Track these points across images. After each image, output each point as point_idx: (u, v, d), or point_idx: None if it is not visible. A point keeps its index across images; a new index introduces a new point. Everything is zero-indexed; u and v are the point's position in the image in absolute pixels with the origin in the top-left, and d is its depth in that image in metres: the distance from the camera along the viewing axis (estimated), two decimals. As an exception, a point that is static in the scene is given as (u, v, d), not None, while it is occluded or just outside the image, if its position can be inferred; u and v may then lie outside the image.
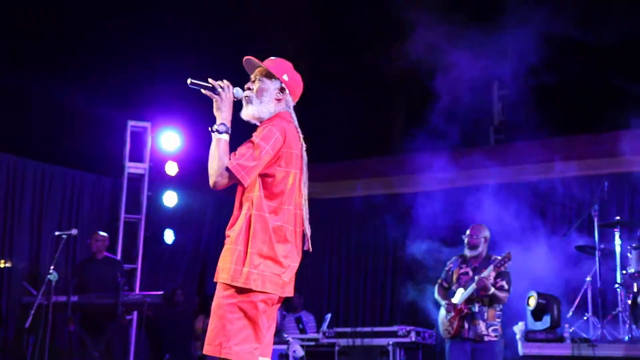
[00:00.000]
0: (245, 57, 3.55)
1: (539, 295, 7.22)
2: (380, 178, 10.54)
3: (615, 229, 7.48)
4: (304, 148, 3.52)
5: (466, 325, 6.42)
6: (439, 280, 6.87)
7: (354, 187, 10.82)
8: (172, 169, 9.74)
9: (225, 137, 3.34)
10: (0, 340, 8.66)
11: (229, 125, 3.38)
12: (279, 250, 3.34)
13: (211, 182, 3.30)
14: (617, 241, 7.42)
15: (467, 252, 6.67)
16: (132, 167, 9.78)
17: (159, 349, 9.86)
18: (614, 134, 8.81)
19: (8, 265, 9.32)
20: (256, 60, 3.54)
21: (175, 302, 10.07)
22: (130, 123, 9.82)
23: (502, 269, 6.43)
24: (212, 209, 11.09)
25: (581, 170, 8.99)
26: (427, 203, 10.03)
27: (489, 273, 6.36)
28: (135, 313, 8.89)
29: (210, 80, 3.41)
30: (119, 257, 9.09)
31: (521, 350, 7.05)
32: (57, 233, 7.07)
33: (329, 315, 8.50)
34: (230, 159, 3.28)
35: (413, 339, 7.84)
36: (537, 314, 7.19)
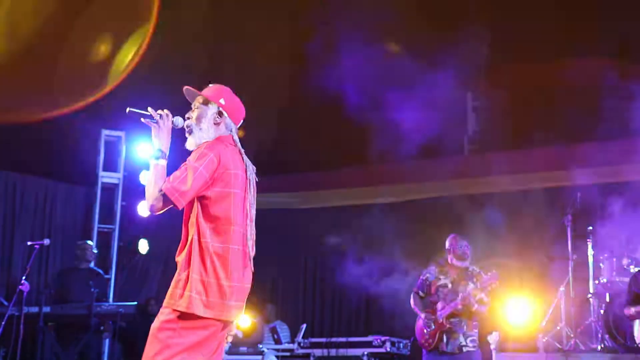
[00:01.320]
0: (185, 87, 3.62)
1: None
2: (357, 188, 10.56)
3: (588, 239, 7.56)
4: (252, 170, 3.59)
5: (445, 339, 6.43)
6: (415, 289, 6.85)
7: (327, 197, 10.83)
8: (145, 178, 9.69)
9: (163, 162, 3.39)
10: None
11: (166, 152, 3.43)
12: (221, 274, 3.33)
13: (147, 206, 3.33)
14: (590, 251, 7.49)
15: (456, 263, 6.62)
16: (106, 177, 9.72)
17: (132, 359, 9.78)
18: (588, 145, 8.91)
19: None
20: (194, 90, 3.61)
21: (149, 312, 9.97)
22: (105, 132, 9.75)
23: (488, 289, 6.41)
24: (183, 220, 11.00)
25: (554, 181, 9.07)
26: (403, 213, 10.10)
27: (471, 290, 6.34)
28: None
29: (149, 109, 3.47)
30: (94, 267, 9.00)
31: (495, 360, 7.09)
32: (29, 243, 6.99)
33: (304, 326, 8.49)
34: (164, 183, 3.32)
35: (388, 349, 7.86)
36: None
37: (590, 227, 7.75)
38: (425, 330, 6.54)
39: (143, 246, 10.05)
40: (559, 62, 9.05)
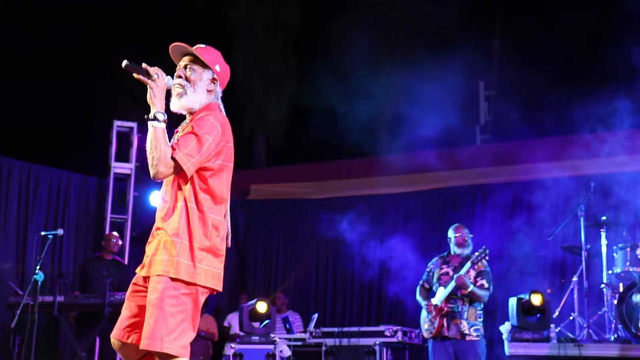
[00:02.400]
0: (174, 44, 3.43)
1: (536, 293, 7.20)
2: (367, 178, 10.55)
3: (602, 229, 7.53)
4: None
5: (446, 324, 6.46)
6: (421, 282, 6.91)
7: (339, 187, 10.83)
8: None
9: (163, 125, 3.23)
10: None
11: (164, 113, 3.27)
12: (218, 244, 3.33)
13: (152, 172, 3.21)
14: (604, 241, 7.47)
15: (456, 251, 6.70)
16: (118, 167, 9.75)
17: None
18: (600, 135, 8.87)
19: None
20: (187, 47, 3.41)
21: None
22: (117, 123, 9.78)
23: (482, 267, 6.48)
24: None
25: (567, 170, 9.03)
26: (415, 203, 10.09)
27: (467, 270, 6.41)
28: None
29: (144, 65, 3.29)
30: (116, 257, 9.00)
31: (508, 350, 7.08)
32: (43, 233, 7.02)
33: (315, 315, 8.51)
34: (174, 149, 3.20)
35: (400, 339, 7.84)
36: (530, 313, 7.18)
37: (604, 217, 7.72)
38: (427, 318, 6.58)
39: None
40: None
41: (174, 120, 3.43)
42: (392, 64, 14.30)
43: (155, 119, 3.22)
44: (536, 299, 7.04)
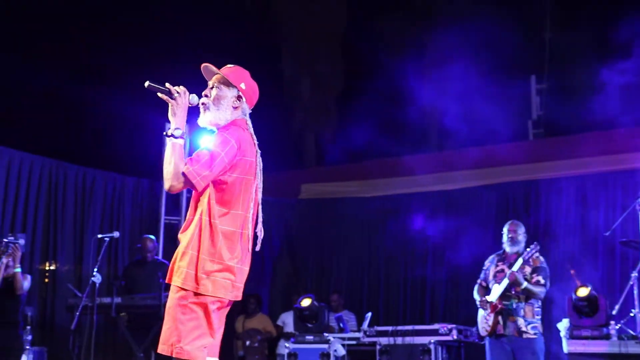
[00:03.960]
0: (204, 64, 3.61)
1: (587, 288, 7.08)
2: (420, 176, 10.48)
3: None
4: (259, 154, 3.59)
5: (502, 322, 6.37)
6: (479, 281, 6.83)
7: (391, 185, 10.78)
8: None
9: (181, 141, 3.42)
10: (47, 342, 8.79)
11: (183, 130, 3.46)
12: (228, 255, 3.42)
13: (166, 185, 3.40)
14: (664, 235, 7.30)
15: (508, 248, 6.62)
16: (171, 169, 9.84)
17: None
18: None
19: (53, 267, 9.48)
20: (214, 68, 3.60)
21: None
22: (168, 126, 9.89)
23: (538, 263, 6.37)
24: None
25: (623, 164, 8.85)
26: (464, 200, 10.00)
27: (520, 267, 6.31)
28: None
29: (167, 84, 3.47)
30: (160, 258, 9.17)
31: (566, 347, 6.96)
32: (99, 236, 7.14)
33: (369, 314, 8.47)
34: (186, 165, 3.36)
35: (455, 337, 7.77)
36: (584, 310, 7.06)
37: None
38: (483, 315, 6.51)
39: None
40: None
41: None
42: (441, 60, 14.19)
43: (172, 135, 3.42)
44: (583, 292, 6.92)
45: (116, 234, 7.22)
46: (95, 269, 6.89)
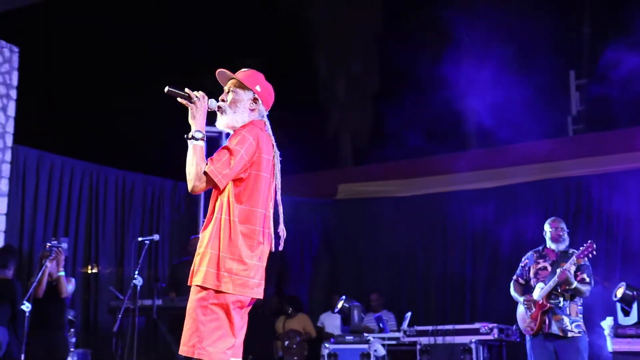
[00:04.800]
0: (218, 70, 3.70)
1: (628, 286, 7.00)
2: (457, 174, 10.41)
3: None
4: (277, 155, 3.65)
5: (547, 321, 6.28)
6: (515, 277, 6.73)
7: (427, 184, 10.73)
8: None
9: (201, 143, 3.50)
10: (91, 344, 8.93)
11: (204, 132, 3.54)
12: (248, 253, 3.45)
13: (190, 186, 3.47)
14: None
15: (553, 246, 6.50)
16: (208, 172, 9.92)
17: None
18: None
19: (95, 271, 9.62)
20: (229, 73, 3.69)
21: (255, 304, 10.16)
22: (205, 129, 9.97)
23: (581, 260, 6.27)
24: (286, 210, 11.16)
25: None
26: (502, 198, 9.91)
27: (570, 265, 6.20)
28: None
29: (186, 89, 3.58)
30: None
31: (610, 346, 6.86)
32: (139, 239, 7.21)
33: (409, 314, 8.45)
34: (207, 164, 3.44)
35: (496, 336, 7.72)
36: (627, 308, 6.97)
37: None
38: (526, 315, 6.41)
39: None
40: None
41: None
42: (478, 57, 14.07)
43: (193, 137, 3.50)
44: (619, 292, 6.82)
45: (156, 237, 7.28)
46: (136, 272, 6.96)
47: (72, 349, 7.75)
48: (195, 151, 3.47)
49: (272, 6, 15.33)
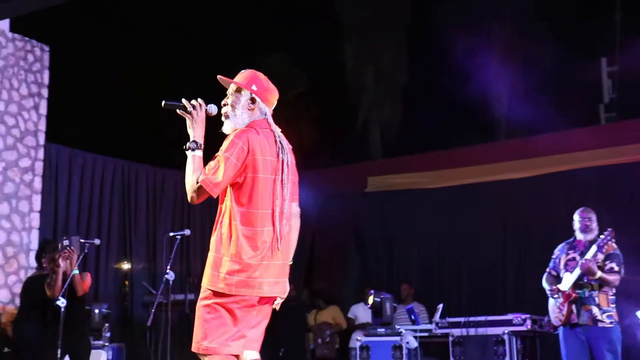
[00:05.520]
0: (218, 76, 3.75)
1: None
2: (488, 165, 10.33)
3: None
4: (286, 151, 3.65)
5: (575, 311, 6.22)
6: (548, 270, 6.68)
7: (458, 175, 10.66)
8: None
9: (199, 153, 3.54)
10: (127, 338, 9.05)
11: (201, 142, 3.57)
12: (250, 253, 3.48)
13: (188, 197, 3.53)
14: None
15: (581, 236, 6.45)
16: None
17: (273, 343, 10.04)
18: None
19: (128, 266, 9.72)
20: (225, 78, 3.75)
21: (287, 296, 10.21)
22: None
23: (611, 249, 6.19)
24: (314, 205, 11.20)
25: None
26: (536, 188, 9.81)
27: (593, 255, 6.14)
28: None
29: (183, 100, 3.60)
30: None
31: (645, 336, 6.77)
32: (171, 234, 7.25)
33: (441, 305, 8.41)
34: (200, 175, 3.48)
35: (529, 327, 7.65)
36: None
37: None
38: (556, 306, 6.37)
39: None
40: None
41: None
42: (507, 46, 13.96)
43: (190, 148, 3.55)
44: None
45: (187, 232, 7.32)
46: (169, 267, 7.01)
47: (106, 344, 7.84)
48: (193, 162, 3.52)
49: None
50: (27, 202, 8.85)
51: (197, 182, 3.46)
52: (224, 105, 3.71)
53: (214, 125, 3.73)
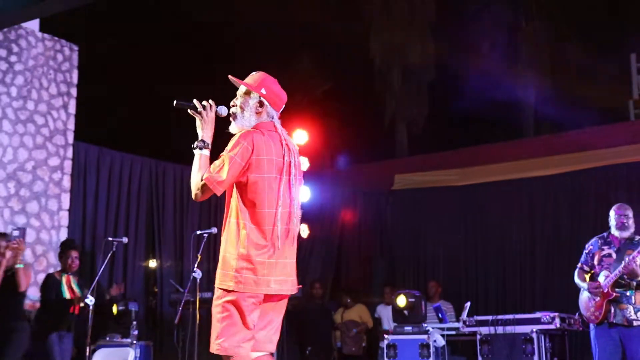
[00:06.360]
0: (229, 76, 3.82)
1: None
2: (516, 162, 10.26)
3: None
4: (294, 153, 3.71)
5: (612, 310, 6.13)
6: (579, 264, 6.57)
7: (486, 172, 10.60)
8: (303, 164, 9.87)
9: (206, 152, 3.63)
10: (156, 336, 9.11)
11: (209, 141, 3.66)
12: (257, 252, 3.55)
13: (193, 195, 3.60)
14: None
15: (617, 233, 6.33)
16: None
17: (301, 341, 10.06)
18: None
19: (156, 264, 9.79)
20: (236, 79, 3.81)
21: (314, 295, 10.23)
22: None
23: None
24: (341, 202, 11.18)
25: None
26: (565, 185, 9.72)
27: (635, 255, 6.03)
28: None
29: (194, 100, 3.69)
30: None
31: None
32: (198, 232, 7.28)
33: (468, 304, 8.36)
34: (205, 173, 3.55)
35: (558, 325, 7.57)
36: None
37: None
38: (591, 303, 6.26)
39: (304, 231, 10.29)
40: None
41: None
42: (535, 43, 13.85)
43: (198, 147, 3.64)
44: None
45: (214, 230, 7.34)
46: (196, 265, 7.04)
47: (134, 342, 7.87)
48: (199, 161, 3.60)
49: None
50: (56, 200, 8.95)
51: (202, 180, 3.52)
52: (233, 106, 3.77)
53: (221, 125, 3.79)
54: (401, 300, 8.33)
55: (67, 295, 7.10)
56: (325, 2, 15.07)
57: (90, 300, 6.50)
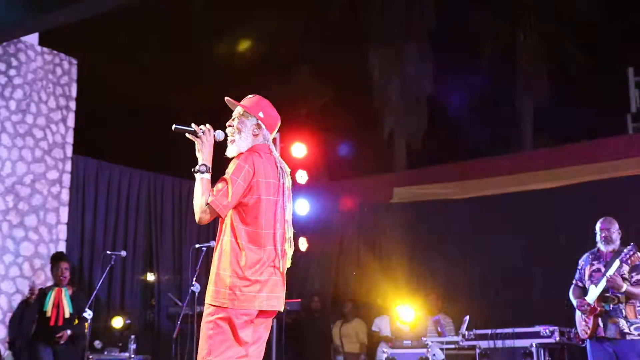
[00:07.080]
0: (226, 98, 3.88)
1: None
2: (513, 175, 10.26)
3: None
4: (287, 175, 3.84)
5: (602, 324, 6.15)
6: (574, 281, 6.61)
7: (483, 186, 10.60)
8: (302, 177, 9.86)
9: (207, 176, 3.70)
10: (154, 349, 9.07)
11: (209, 165, 3.73)
12: (253, 270, 3.61)
13: (197, 218, 3.69)
14: None
15: (603, 247, 6.39)
16: (263, 178, 9.98)
17: (298, 354, 10.02)
18: None
19: (154, 278, 9.77)
20: (234, 101, 3.89)
21: (312, 308, 10.20)
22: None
23: (636, 260, 6.11)
24: (340, 215, 11.17)
25: None
26: (564, 198, 9.72)
27: (618, 268, 6.06)
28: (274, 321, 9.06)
29: (193, 125, 3.75)
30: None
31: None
32: (196, 246, 7.28)
33: (467, 317, 8.35)
34: (209, 196, 3.63)
35: (557, 339, 7.56)
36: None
37: None
38: (580, 317, 6.30)
39: (302, 244, 10.27)
40: None
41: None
42: (533, 55, 13.90)
43: (199, 171, 3.71)
44: None
45: (212, 243, 7.32)
46: (194, 279, 7.03)
47: (132, 356, 7.84)
48: (201, 184, 3.67)
49: (324, 5, 15.35)
50: (54, 214, 8.94)
51: (207, 204, 3.59)
52: (229, 126, 3.84)
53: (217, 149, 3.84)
54: (400, 314, 8.32)
55: (48, 308, 7.19)
56: (322, 12, 15.13)
57: (88, 314, 6.48)
